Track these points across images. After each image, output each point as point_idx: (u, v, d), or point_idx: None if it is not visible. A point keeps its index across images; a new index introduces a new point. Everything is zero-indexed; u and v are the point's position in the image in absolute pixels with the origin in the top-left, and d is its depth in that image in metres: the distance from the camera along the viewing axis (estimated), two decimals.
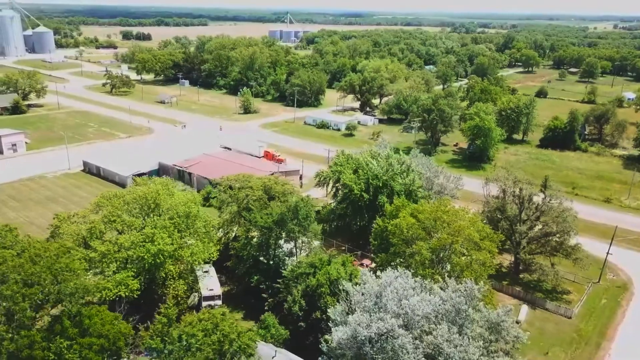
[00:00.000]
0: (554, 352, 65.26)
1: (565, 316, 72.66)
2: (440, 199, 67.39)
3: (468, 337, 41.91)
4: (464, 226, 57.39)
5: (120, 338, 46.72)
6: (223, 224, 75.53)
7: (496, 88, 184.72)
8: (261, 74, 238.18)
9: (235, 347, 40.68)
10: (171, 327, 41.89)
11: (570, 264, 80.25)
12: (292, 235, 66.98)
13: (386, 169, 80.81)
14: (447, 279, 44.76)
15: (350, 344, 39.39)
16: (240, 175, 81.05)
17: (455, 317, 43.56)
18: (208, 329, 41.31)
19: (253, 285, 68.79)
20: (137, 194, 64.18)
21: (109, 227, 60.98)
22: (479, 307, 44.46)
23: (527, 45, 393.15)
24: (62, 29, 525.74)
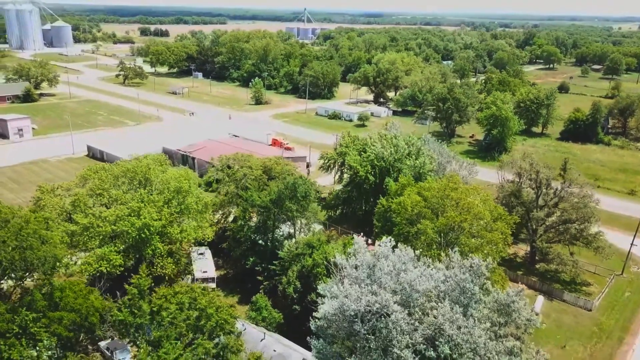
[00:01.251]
0: (572, 346, 60.02)
1: (585, 308, 67.27)
2: (450, 175, 62.41)
3: (474, 319, 37.16)
4: (475, 204, 52.50)
5: (93, 313, 42.98)
6: (220, 204, 71.68)
7: (515, 80, 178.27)
8: (274, 67, 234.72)
9: (212, 323, 36.60)
10: (143, 299, 38.02)
11: (591, 254, 74.84)
12: (290, 214, 62.78)
13: (393, 150, 76.03)
14: (451, 254, 40.02)
15: (339, 320, 34.95)
16: (239, 154, 77.16)
17: (460, 296, 38.78)
18: (183, 302, 37.35)
19: (248, 267, 64.83)
20: (127, 168, 60.67)
21: (94, 200, 57.53)
22: (487, 285, 39.65)
23: (549, 42, 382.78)
24: (81, 25, 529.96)
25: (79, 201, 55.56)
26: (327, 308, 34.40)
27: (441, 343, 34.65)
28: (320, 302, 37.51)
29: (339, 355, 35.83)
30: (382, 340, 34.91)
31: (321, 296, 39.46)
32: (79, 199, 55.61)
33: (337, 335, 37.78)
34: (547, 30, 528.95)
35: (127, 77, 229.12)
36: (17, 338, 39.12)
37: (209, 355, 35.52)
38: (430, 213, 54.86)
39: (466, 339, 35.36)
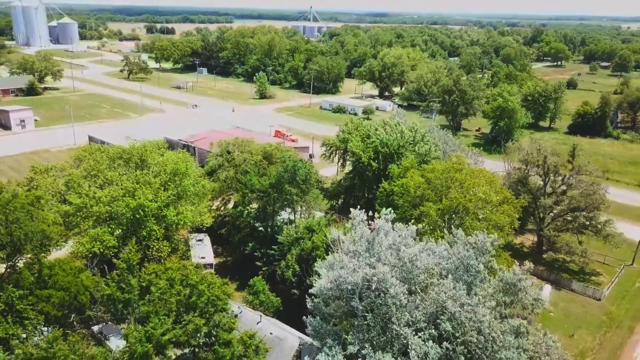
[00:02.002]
0: (581, 335, 58.04)
1: (594, 298, 65.23)
2: (454, 156, 60.53)
3: (478, 297, 35.35)
4: (480, 184, 50.60)
5: (83, 292, 41.45)
6: (219, 190, 70.06)
7: (522, 74, 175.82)
8: (279, 62, 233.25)
9: (204, 300, 34.97)
10: (132, 274, 36.50)
11: (600, 245, 72.81)
12: (289, 198, 61.07)
13: (398, 136, 74.16)
14: (455, 231, 38.21)
15: (336, 296, 33.23)
16: (239, 140, 75.58)
17: (463, 274, 37.03)
18: (174, 278, 35.75)
19: (247, 253, 63.25)
20: (123, 149, 59.25)
21: (89, 182, 56.09)
22: (492, 263, 37.82)
23: (557, 39, 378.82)
24: (88, 23, 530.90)
25: (72, 182, 54.15)
26: (324, 282, 32.73)
27: (442, 320, 32.86)
28: (316, 279, 35.87)
29: (335, 334, 34.15)
30: (380, 317, 33.18)
31: (318, 275, 37.81)
32: (73, 180, 54.20)
33: (334, 315, 36.14)
34: (555, 28, 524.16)
35: (132, 71, 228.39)
36: (3, 315, 37.75)
37: (200, 333, 33.89)
38: (434, 195, 53.02)
39: (470, 317, 33.59)
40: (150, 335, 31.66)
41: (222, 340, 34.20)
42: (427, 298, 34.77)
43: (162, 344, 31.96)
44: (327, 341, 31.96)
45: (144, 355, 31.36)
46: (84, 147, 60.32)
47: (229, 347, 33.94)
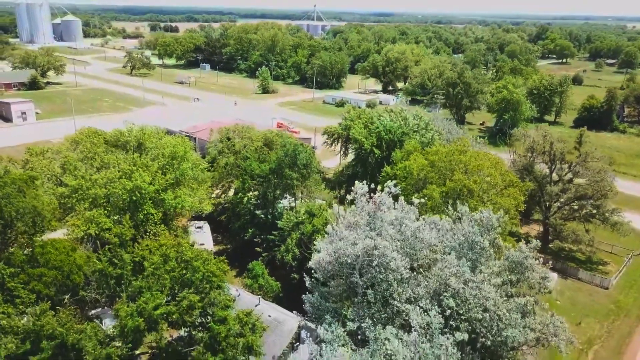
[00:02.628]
0: (588, 323, 56.63)
1: (602, 287, 63.83)
2: (459, 138, 59.19)
3: (483, 275, 34.06)
4: (485, 165, 49.24)
5: (76, 272, 40.21)
6: (219, 177, 68.87)
7: (528, 68, 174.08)
8: (282, 57, 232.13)
9: (198, 276, 33.79)
10: (125, 249, 35.37)
11: (607, 234, 71.46)
12: (290, 183, 59.85)
13: (400, 123, 72.81)
14: (459, 206, 36.91)
15: (335, 270, 31.99)
16: (239, 126, 74.42)
17: (468, 251, 35.78)
18: (168, 254, 34.59)
19: (247, 239, 62.14)
20: (120, 132, 58.17)
21: (85, 164, 54.99)
22: (498, 241, 36.52)
23: (562, 37, 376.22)
24: (92, 22, 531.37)
25: (68, 164, 53.07)
26: (322, 255, 31.48)
27: (446, 297, 31.55)
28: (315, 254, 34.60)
29: (334, 311, 32.91)
30: (381, 293, 31.91)
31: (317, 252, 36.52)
32: (69, 162, 53.12)
33: (333, 293, 34.90)
34: (560, 26, 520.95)
35: (134, 67, 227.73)
36: None
37: (194, 310, 32.70)
38: (437, 178, 51.70)
39: (474, 294, 32.30)
40: (142, 310, 30.51)
41: (218, 317, 33.00)
42: (430, 275, 33.52)
43: (154, 319, 30.78)
44: (325, 318, 30.71)
45: (135, 330, 30.21)
46: (81, 130, 59.19)
47: (225, 324, 32.73)
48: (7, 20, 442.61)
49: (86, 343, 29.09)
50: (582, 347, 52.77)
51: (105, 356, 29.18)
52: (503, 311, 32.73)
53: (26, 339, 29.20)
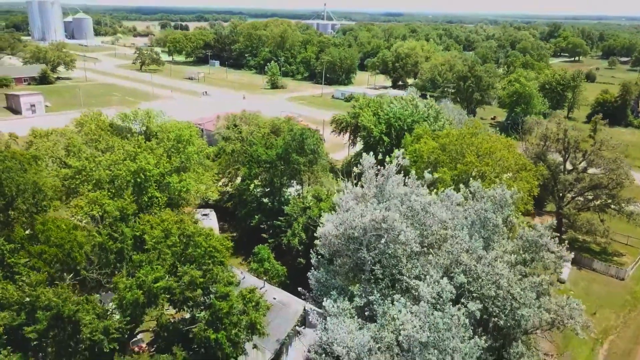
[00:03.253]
0: (603, 313, 54.92)
1: (617, 277, 62.09)
2: (469, 120, 57.71)
3: (495, 252, 32.67)
4: (497, 148, 47.79)
5: (77, 250, 39.23)
6: (225, 164, 67.92)
7: (540, 64, 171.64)
8: (291, 53, 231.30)
9: (200, 251, 32.73)
10: (125, 224, 34.41)
11: (623, 226, 69.72)
12: (297, 167, 58.68)
13: (411, 112, 71.44)
14: (472, 181, 35.52)
15: (342, 244, 30.72)
16: (246, 113, 73.45)
17: (480, 229, 34.40)
18: (170, 229, 33.57)
19: (253, 226, 61.17)
20: (125, 114, 57.40)
21: (90, 147, 54.26)
22: (511, 218, 35.08)
23: (574, 35, 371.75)
24: (103, 21, 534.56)
25: (72, 146, 52.33)
26: (329, 227, 30.26)
27: (457, 273, 30.20)
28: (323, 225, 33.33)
29: (340, 288, 31.68)
30: (389, 269, 30.62)
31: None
32: (73, 144, 52.38)
33: (339, 272, 33.66)
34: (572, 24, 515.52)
35: (144, 63, 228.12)
36: None
37: (195, 285, 31.61)
38: (449, 161, 50.33)
39: (487, 272, 30.88)
40: (142, 283, 29.50)
41: (220, 294, 31.91)
42: (440, 253, 32.18)
43: (154, 292, 29.75)
44: (331, 294, 29.50)
45: (134, 304, 29.20)
46: (85, 113, 58.51)
47: (227, 301, 31.63)
48: (20, 19, 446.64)
49: (83, 315, 28.12)
50: (598, 337, 51.12)
51: (102, 329, 28.20)
52: (517, 290, 31.35)
53: (21, 310, 28.31)
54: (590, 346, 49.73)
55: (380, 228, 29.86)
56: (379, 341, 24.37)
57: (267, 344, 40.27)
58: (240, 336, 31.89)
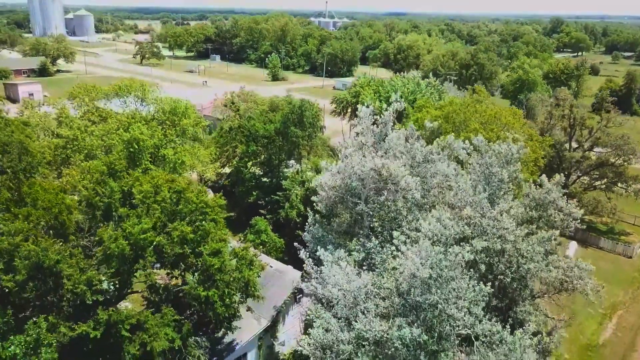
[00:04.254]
0: (611, 290, 53.00)
1: (625, 255, 60.53)
2: (474, 87, 56.10)
3: (501, 206, 31.05)
4: (502, 115, 46.17)
5: (64, 212, 37.67)
6: (223, 142, 66.37)
7: (543, 54, 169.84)
8: (292, 47, 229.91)
9: (191, 207, 31.18)
10: (114, 179, 32.88)
11: (630, 207, 68.13)
12: (295, 141, 57.15)
13: (413, 89, 69.85)
14: (475, 138, 33.91)
15: (339, 197, 29.17)
16: (244, 91, 72.01)
17: (485, 185, 32.79)
18: (160, 185, 32.00)
19: (251, 202, 59.70)
20: (119, 85, 55.99)
21: (82, 118, 52.86)
22: (518, 174, 33.47)
23: (577, 30, 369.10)
24: (105, 19, 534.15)
25: (64, 116, 50.92)
26: (326, 178, 28.71)
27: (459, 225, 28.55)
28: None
29: (337, 244, 30.11)
30: (389, 222, 29.05)
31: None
32: (65, 113, 50.97)
33: (336, 230, 32.13)
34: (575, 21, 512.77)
35: (144, 56, 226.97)
36: None
37: (186, 242, 30.05)
38: (452, 130, 48.65)
39: (492, 225, 29.28)
40: (128, 234, 27.96)
41: (211, 250, 30.34)
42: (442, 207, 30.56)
43: (141, 245, 28.20)
44: (328, 248, 27.93)
45: (120, 257, 27.65)
46: (78, 84, 57.06)
47: (218, 257, 30.06)
48: (21, 17, 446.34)
49: (64, 267, 26.60)
50: (606, 312, 49.56)
51: (85, 282, 26.66)
52: (524, 245, 29.77)
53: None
54: (598, 320, 48.18)
55: (380, 179, 28.32)
56: (377, 287, 22.80)
57: (263, 312, 38.78)
58: (232, 295, 30.35)
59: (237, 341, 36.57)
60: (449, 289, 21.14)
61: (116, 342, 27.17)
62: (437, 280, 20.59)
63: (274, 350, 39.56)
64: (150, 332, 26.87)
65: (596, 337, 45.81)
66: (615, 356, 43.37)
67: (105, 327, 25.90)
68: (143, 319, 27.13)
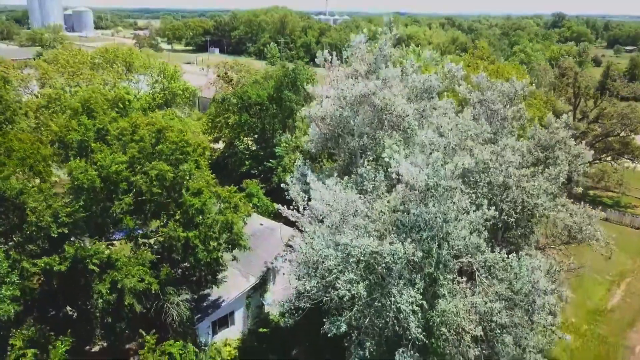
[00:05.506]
0: (619, 258, 50.61)
1: (632, 227, 58.20)
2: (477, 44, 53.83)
3: (504, 142, 28.81)
4: (505, 70, 43.95)
5: (40, 162, 35.47)
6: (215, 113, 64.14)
7: (546, 42, 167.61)
8: (292, 38, 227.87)
9: (171, 146, 28.90)
10: (89, 117, 30.67)
11: (636, 179, 65.89)
12: (289, 106, 54.92)
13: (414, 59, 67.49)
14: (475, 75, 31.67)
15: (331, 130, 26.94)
16: (238, 62, 69.85)
17: (487, 123, 30.52)
18: (139, 124, 29.77)
19: (244, 172, 57.54)
20: (105, 49, 53.87)
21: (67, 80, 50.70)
22: (522, 112, 31.24)
23: (579, 24, 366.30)
24: (104, 17, 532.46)
25: (47, 76, 48.77)
26: (315, 109, 26.48)
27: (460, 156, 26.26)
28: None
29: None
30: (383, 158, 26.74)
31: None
32: (47, 74, 48.82)
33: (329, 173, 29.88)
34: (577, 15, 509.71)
35: (142, 47, 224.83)
36: None
37: (165, 181, 27.82)
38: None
39: (495, 159, 27.02)
40: (99, 167, 25.75)
41: (192, 190, 28.15)
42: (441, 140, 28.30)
43: (113, 180, 25.98)
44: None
45: (90, 190, 25.42)
46: (64, 46, 54.90)
47: (199, 197, 27.86)
48: (20, 14, 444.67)
49: (28, 199, 24.45)
50: (613, 278, 47.32)
51: (51, 214, 24.48)
52: (529, 184, 27.52)
53: None
54: (606, 287, 45.92)
55: (375, 110, 26.09)
56: (369, 209, 20.56)
57: (253, 270, 36.62)
58: (215, 239, 28.13)
59: (224, 298, 34.41)
60: (447, 205, 18.89)
61: (86, 281, 24.98)
62: (435, 190, 18.33)
63: (264, 311, 37.34)
64: (123, 271, 24.65)
65: (604, 303, 43.55)
66: (624, 321, 41.11)
67: (71, 262, 23.65)
68: (115, 257, 24.91)
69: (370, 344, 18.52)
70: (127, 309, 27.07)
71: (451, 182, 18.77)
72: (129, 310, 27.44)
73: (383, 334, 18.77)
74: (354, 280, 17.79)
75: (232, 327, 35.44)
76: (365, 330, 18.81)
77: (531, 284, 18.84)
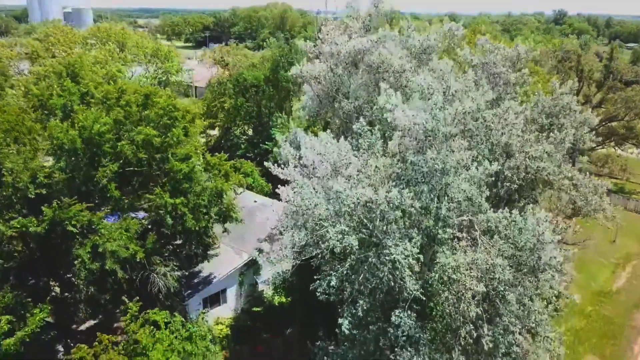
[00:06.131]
0: (623, 241, 49.69)
1: (636, 212, 56.92)
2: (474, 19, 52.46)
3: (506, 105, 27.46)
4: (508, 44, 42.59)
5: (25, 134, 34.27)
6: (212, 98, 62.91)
7: (547, 36, 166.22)
8: (292, 34, 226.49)
9: (158, 111, 27.62)
10: (74, 82, 29.41)
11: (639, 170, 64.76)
12: (286, 86, 53.69)
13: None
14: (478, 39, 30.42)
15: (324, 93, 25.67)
16: (232, 46, 68.59)
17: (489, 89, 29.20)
18: (125, 89, 28.52)
19: (239, 155, 56.25)
20: (97, 28, 52.66)
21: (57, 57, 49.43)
22: (526, 77, 29.95)
23: (580, 21, 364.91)
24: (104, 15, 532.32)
25: (36, 54, 47.56)
26: (307, 67, 25.20)
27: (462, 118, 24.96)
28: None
29: None
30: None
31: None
32: (37, 52, 47.60)
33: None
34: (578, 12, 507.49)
35: None
36: None
37: (151, 147, 26.60)
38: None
39: (497, 121, 25.74)
40: (80, 127, 24.50)
41: (179, 156, 26.90)
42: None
43: (96, 142, 24.72)
44: None
45: (71, 151, 24.18)
46: (54, 24, 53.77)
47: (187, 163, 26.62)
48: (19, 12, 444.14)
49: (5, 160, 23.24)
50: (618, 261, 46.05)
51: (29, 176, 23.26)
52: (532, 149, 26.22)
53: None
54: (611, 269, 44.65)
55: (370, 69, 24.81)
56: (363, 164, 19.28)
57: (246, 246, 35.39)
58: (204, 207, 26.88)
59: (215, 274, 33.20)
60: (446, 153, 17.61)
61: (67, 247, 23.72)
62: (434, 138, 17.06)
63: (257, 289, 36.07)
64: (105, 236, 23.37)
65: (609, 285, 42.25)
66: (630, 302, 39.82)
67: (49, 224, 22.38)
68: (97, 221, 23.64)
69: (364, 302, 17.25)
70: (111, 279, 25.90)
71: (451, 128, 17.51)
72: (113, 281, 26.27)
73: (377, 291, 17.49)
74: (345, 232, 16.54)
75: (225, 305, 34.25)
76: (359, 288, 17.53)
77: (536, 238, 17.55)
